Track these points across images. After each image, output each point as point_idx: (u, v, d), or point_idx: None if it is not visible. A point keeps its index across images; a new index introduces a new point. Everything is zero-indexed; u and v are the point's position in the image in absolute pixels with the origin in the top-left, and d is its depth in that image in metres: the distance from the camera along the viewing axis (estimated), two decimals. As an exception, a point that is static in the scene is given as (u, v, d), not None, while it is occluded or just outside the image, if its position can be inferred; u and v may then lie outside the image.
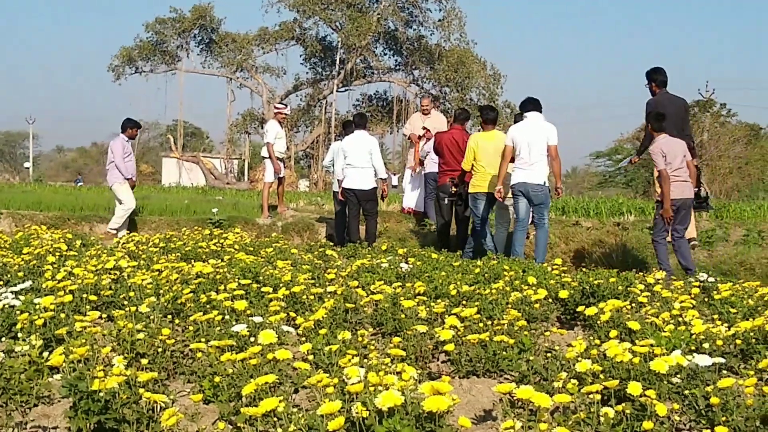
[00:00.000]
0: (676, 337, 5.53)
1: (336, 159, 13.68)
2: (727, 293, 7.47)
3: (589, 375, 4.57)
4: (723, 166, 45.13)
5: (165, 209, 16.55)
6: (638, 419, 3.94)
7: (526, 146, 10.99)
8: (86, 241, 11.69)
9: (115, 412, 4.03)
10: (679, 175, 10.09)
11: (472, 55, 43.23)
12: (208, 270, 7.78)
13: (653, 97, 11.06)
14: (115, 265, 8.13)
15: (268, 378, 4.10)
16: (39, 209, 15.58)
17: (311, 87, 48.39)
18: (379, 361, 4.59)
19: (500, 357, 5.47)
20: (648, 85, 11.17)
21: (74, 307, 6.58)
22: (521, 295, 7.09)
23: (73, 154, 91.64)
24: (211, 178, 39.31)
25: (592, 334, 6.28)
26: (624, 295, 7.38)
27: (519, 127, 11.21)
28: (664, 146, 10.10)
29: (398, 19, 43.90)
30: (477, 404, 4.88)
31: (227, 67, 46.24)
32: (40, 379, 4.89)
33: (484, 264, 9.31)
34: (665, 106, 10.66)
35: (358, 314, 6.79)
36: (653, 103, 10.88)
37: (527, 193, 10.98)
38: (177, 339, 5.66)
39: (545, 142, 10.99)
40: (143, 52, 45.89)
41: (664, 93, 11.00)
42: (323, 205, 18.68)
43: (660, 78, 11.05)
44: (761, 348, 5.49)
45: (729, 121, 49.93)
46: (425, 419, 3.45)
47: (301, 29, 45.97)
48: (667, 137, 10.20)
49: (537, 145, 10.97)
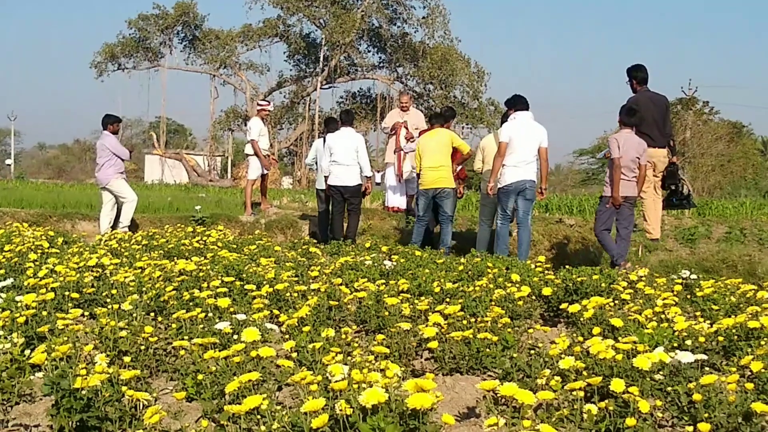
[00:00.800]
0: (658, 334, 5.55)
1: (323, 155, 13.62)
2: (710, 290, 7.50)
3: (573, 372, 4.58)
4: (705, 164, 45.35)
5: (148, 206, 16.48)
6: (621, 416, 3.95)
7: (522, 145, 11.13)
8: (68, 238, 11.62)
9: (97, 410, 4.01)
10: (625, 174, 10.34)
11: (455, 53, 43.25)
12: (191, 267, 7.76)
13: (634, 94, 11.09)
14: (97, 263, 8.09)
15: (252, 375, 4.09)
16: (21, 206, 15.50)
17: (295, 84, 48.32)
18: (363, 358, 4.60)
19: (484, 354, 5.47)
20: (629, 83, 11.20)
21: (56, 305, 6.56)
22: (505, 292, 7.10)
23: (55, 151, 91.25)
24: (194, 175, 39.19)
25: (575, 331, 6.29)
26: (607, 292, 7.41)
27: (515, 126, 11.26)
28: (622, 139, 10.34)
29: (382, 16, 43.90)
30: (461, 401, 4.88)
31: (210, 64, 46.14)
32: (21, 377, 4.87)
33: (467, 261, 9.33)
34: (646, 104, 10.72)
35: (342, 312, 6.79)
36: (634, 100, 10.91)
37: (523, 191, 11.10)
38: (160, 337, 5.63)
39: (538, 143, 11.15)
40: (126, 48, 45.74)
41: (646, 91, 11.03)
42: (307, 202, 18.65)
43: (641, 75, 11.09)
44: (743, 345, 5.51)
45: (712, 119, 50.16)
46: (409, 416, 3.45)
47: (285, 26, 45.92)
48: (631, 133, 10.42)
49: (531, 145, 11.15)
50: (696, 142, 45.83)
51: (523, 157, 11.06)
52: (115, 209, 14.15)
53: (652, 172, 11.02)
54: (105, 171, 14.01)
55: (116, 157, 13.98)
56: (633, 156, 10.29)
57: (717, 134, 47.10)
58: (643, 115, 10.69)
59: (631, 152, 10.28)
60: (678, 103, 45.56)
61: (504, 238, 11.25)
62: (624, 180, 10.33)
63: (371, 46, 47.29)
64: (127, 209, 14.01)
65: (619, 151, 10.27)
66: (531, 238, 11.78)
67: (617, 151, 10.28)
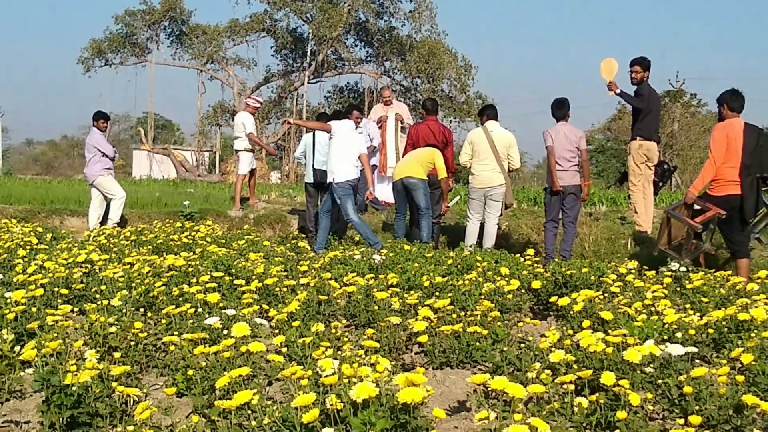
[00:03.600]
0: (648, 327, 5.56)
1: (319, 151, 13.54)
2: (699, 283, 7.52)
3: (563, 365, 4.59)
4: (694, 156, 45.33)
5: (136, 202, 16.40)
6: (612, 409, 3.95)
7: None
8: (57, 234, 11.60)
9: (88, 406, 4.01)
10: (561, 164, 10.90)
11: (443, 47, 43.13)
12: (180, 263, 7.75)
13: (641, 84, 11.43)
14: (86, 259, 8.07)
15: (242, 371, 4.09)
16: (9, 203, 15.41)
17: (282, 79, 48.13)
18: (353, 352, 4.59)
19: (474, 348, 5.48)
20: (635, 74, 11.49)
21: (46, 301, 6.55)
22: (494, 285, 7.12)
23: (42, 147, 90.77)
24: (182, 170, 39.00)
25: (565, 325, 6.30)
26: (596, 285, 7.42)
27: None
28: (553, 131, 11.08)
29: (369, 10, 43.73)
30: (451, 395, 4.89)
31: (198, 59, 45.93)
32: (11, 373, 4.86)
33: (456, 255, 9.34)
34: (656, 97, 11.11)
35: (332, 306, 6.79)
36: (648, 90, 11.50)
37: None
38: (149, 332, 5.63)
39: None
40: (113, 44, 45.48)
41: (647, 84, 11.36)
42: (295, 197, 18.60)
43: (647, 63, 11.45)
44: (733, 337, 5.53)
45: (699, 112, 50.13)
46: (400, 411, 3.44)
47: (272, 21, 45.72)
48: (564, 124, 11.08)
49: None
50: (684, 134, 45.86)
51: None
52: (103, 205, 14.09)
53: (645, 166, 11.32)
54: (92, 167, 13.95)
55: (102, 154, 13.94)
56: (566, 146, 10.90)
57: (705, 126, 47.05)
58: (651, 107, 11.18)
59: (562, 143, 10.89)
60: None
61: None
62: (560, 170, 10.87)
63: (358, 40, 47.13)
64: (115, 206, 13.95)
65: (551, 141, 11.01)
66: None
67: (549, 140, 11.05)
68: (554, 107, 11.28)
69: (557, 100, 11.29)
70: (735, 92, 9.30)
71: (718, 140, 9.11)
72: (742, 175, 9.02)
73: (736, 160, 9.01)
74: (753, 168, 9.05)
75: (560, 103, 11.27)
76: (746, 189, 9.02)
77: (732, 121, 9.15)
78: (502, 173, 11.45)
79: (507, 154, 11.49)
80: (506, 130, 11.73)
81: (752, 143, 9.03)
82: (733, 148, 9.01)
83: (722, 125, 9.23)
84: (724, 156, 9.04)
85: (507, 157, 11.47)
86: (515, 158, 11.65)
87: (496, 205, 11.56)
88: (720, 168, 9.09)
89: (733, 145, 9.01)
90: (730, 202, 9.09)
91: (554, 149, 10.90)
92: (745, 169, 9.01)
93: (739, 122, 9.14)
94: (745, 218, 9.21)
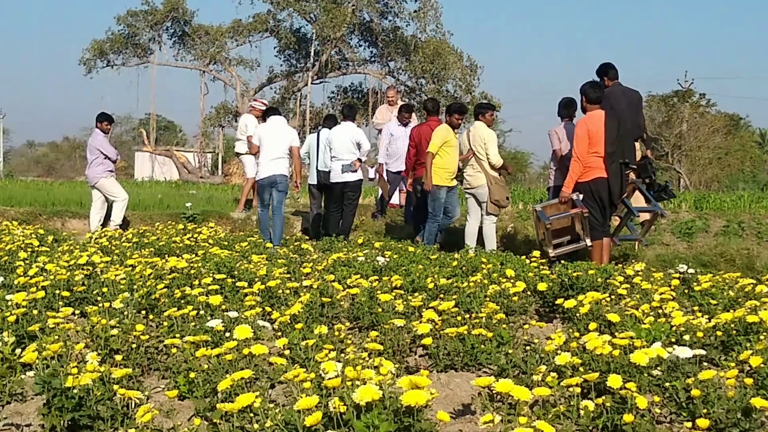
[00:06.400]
0: (656, 329, 5.53)
1: (324, 151, 13.51)
2: (708, 285, 7.48)
3: (569, 368, 4.55)
4: (703, 157, 45.40)
5: (138, 204, 16.42)
6: (618, 412, 3.92)
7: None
8: (58, 236, 11.58)
9: (89, 408, 3.99)
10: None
11: (448, 47, 43.07)
12: (183, 265, 7.73)
13: (606, 88, 11.27)
14: (87, 261, 8.06)
15: (244, 373, 4.06)
16: (10, 205, 15.43)
17: (285, 79, 48.11)
18: (357, 355, 4.58)
19: (479, 350, 5.44)
20: (600, 81, 11.31)
21: (47, 304, 6.55)
22: (499, 287, 7.08)
23: (44, 149, 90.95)
24: (184, 172, 39.05)
25: (571, 327, 6.26)
26: (603, 287, 7.37)
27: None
28: (560, 130, 11.31)
29: (373, 10, 43.71)
30: (455, 398, 4.85)
31: (200, 60, 45.93)
32: (12, 376, 4.84)
33: (461, 257, 9.31)
34: (618, 98, 10.87)
35: (335, 308, 6.76)
36: (608, 93, 11.09)
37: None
38: (151, 335, 5.62)
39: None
40: (115, 45, 45.48)
41: (617, 85, 11.15)
42: (298, 198, 18.60)
43: (612, 72, 11.24)
44: (742, 339, 5.48)
45: (708, 111, 50.10)
46: (403, 414, 3.43)
47: (275, 21, 45.69)
48: (569, 123, 11.21)
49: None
50: (693, 134, 45.88)
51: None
52: (105, 207, 14.09)
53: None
54: (93, 169, 13.94)
55: (104, 156, 13.92)
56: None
57: (714, 127, 47.12)
58: (614, 107, 10.99)
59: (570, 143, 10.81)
60: (674, 95, 45.58)
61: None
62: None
63: (362, 40, 47.09)
64: (117, 208, 13.95)
65: (559, 143, 11.17)
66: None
67: (557, 142, 11.21)
68: (561, 106, 11.37)
69: (565, 99, 11.34)
70: (594, 84, 10.09)
71: (580, 136, 9.73)
72: (606, 162, 9.60)
73: (600, 149, 9.59)
74: (616, 155, 9.70)
75: (568, 102, 11.29)
76: (612, 174, 9.67)
77: (593, 113, 9.79)
78: (483, 173, 11.45)
79: (485, 152, 11.43)
80: (487, 128, 11.72)
81: (613, 133, 9.65)
82: (596, 140, 9.64)
83: (583, 120, 9.90)
84: (587, 150, 9.61)
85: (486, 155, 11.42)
86: (492, 154, 11.48)
87: (484, 205, 11.58)
88: (586, 158, 9.63)
89: (595, 137, 9.64)
90: (598, 184, 9.69)
91: (562, 150, 10.95)
92: (609, 156, 9.63)
93: (599, 113, 9.74)
94: (613, 201, 9.88)
